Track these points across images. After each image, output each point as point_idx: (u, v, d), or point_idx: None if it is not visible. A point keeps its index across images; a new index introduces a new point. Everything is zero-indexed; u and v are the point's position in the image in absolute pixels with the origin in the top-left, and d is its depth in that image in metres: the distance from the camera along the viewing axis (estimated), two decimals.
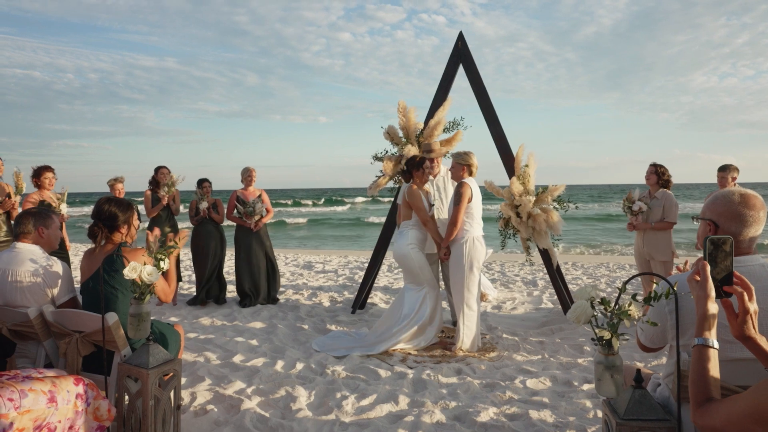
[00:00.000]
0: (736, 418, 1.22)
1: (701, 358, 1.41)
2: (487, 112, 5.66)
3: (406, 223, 4.60)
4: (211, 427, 3.05)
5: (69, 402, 2.22)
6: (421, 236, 4.60)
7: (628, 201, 5.45)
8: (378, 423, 3.08)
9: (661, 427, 1.93)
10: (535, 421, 3.07)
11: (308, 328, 5.22)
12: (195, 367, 4.01)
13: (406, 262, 4.52)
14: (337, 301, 6.55)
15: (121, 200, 2.91)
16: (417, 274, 4.52)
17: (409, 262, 4.50)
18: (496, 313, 5.91)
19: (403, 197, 4.66)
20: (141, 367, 2.51)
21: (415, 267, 4.49)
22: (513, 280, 8.01)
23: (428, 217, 4.52)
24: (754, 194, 1.87)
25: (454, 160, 4.54)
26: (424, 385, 3.69)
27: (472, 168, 4.49)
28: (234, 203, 6.32)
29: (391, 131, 5.59)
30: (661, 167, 5.45)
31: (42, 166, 5.38)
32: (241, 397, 3.43)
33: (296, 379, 3.78)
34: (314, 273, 8.92)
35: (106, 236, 2.82)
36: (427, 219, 4.51)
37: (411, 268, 4.51)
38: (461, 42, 5.71)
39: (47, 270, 2.73)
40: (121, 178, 6.10)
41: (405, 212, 4.62)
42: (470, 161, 4.49)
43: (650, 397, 1.99)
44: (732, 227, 1.83)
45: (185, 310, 6.05)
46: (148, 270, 2.41)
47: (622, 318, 1.87)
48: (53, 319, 2.67)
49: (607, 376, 1.99)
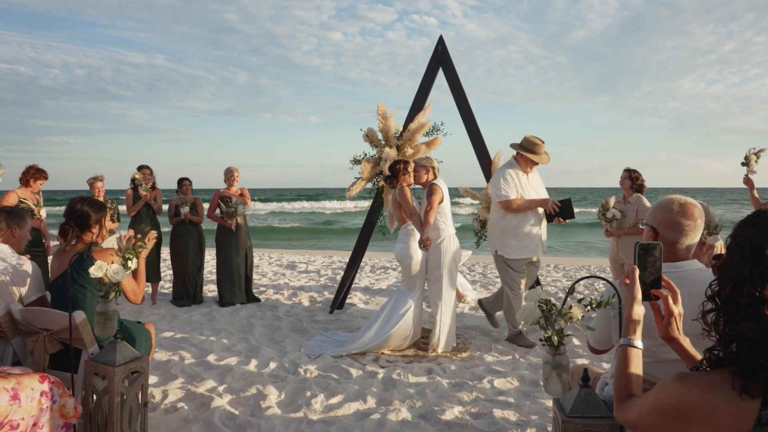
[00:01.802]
0: (645, 413, 1.30)
1: (625, 358, 1.49)
2: (465, 115, 5.75)
3: (405, 226, 4.69)
4: (180, 425, 3.10)
5: (33, 399, 2.25)
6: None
7: (602, 208, 5.58)
8: (345, 421, 3.15)
9: (605, 424, 2.01)
10: (498, 419, 3.15)
11: (285, 328, 5.27)
12: (169, 366, 4.05)
13: (406, 262, 4.59)
14: (316, 301, 6.60)
15: (94, 200, 2.95)
16: (413, 277, 4.60)
17: (409, 263, 4.57)
18: (473, 314, 6.00)
19: (394, 199, 4.74)
20: (108, 364, 2.55)
21: (409, 269, 4.56)
22: (493, 282, 8.11)
23: (415, 210, 4.59)
24: (693, 203, 1.95)
25: (417, 164, 4.67)
26: (393, 384, 3.76)
27: (436, 171, 4.68)
28: (216, 202, 6.37)
29: (370, 134, 5.65)
30: (635, 172, 5.57)
31: (41, 170, 5.37)
32: (212, 395, 3.48)
33: (268, 378, 3.84)
34: (297, 273, 8.96)
35: (76, 235, 2.86)
36: (414, 211, 4.58)
37: (409, 268, 4.58)
38: (441, 46, 5.79)
39: (16, 269, 2.76)
40: (100, 176, 6.10)
41: (399, 214, 4.70)
42: (433, 164, 4.68)
43: (595, 396, 2.07)
44: (670, 235, 1.91)
45: (164, 309, 6.07)
46: (113, 269, 2.46)
47: (564, 320, 1.95)
48: (21, 318, 2.71)
49: (554, 375, 2.07)
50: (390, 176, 4.79)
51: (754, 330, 1.14)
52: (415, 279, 4.59)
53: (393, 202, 4.78)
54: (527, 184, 4.73)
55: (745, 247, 1.20)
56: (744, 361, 1.15)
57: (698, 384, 1.19)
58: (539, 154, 4.69)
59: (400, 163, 4.72)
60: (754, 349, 1.14)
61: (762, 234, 1.18)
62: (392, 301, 4.63)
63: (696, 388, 1.18)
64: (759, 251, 1.17)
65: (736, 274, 1.19)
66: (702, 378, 1.20)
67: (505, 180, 4.63)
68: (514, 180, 4.65)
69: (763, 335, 1.13)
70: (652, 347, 1.92)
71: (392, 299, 4.66)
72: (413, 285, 4.61)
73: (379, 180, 5.65)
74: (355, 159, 5.74)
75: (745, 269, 1.17)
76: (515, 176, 4.68)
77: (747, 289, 1.16)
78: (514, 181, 4.64)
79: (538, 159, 4.69)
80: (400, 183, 4.66)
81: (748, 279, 1.16)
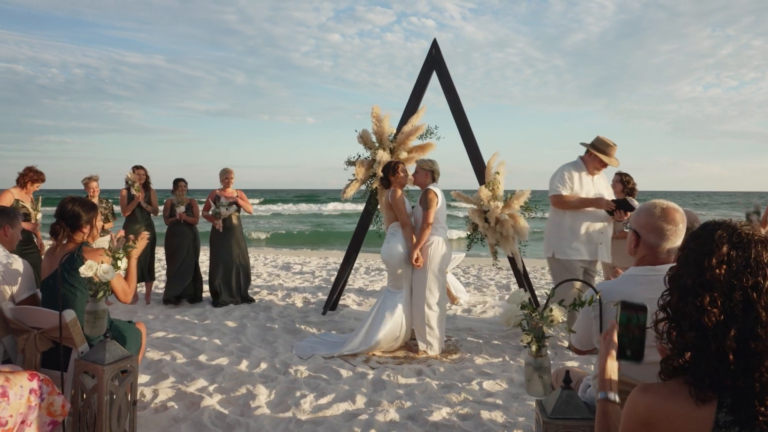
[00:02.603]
0: None
1: (604, 411, 1.44)
2: (459, 119, 5.78)
3: (395, 224, 4.70)
4: (170, 424, 3.12)
5: (22, 397, 2.28)
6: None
7: None
8: (333, 421, 3.17)
9: (585, 426, 2.04)
10: (485, 421, 3.18)
11: (278, 329, 5.29)
12: (160, 365, 4.07)
13: (392, 263, 4.61)
14: (310, 302, 6.63)
15: (84, 200, 2.97)
16: (399, 276, 4.63)
17: (395, 263, 4.59)
18: (466, 316, 6.03)
19: (386, 201, 4.76)
20: (97, 363, 2.58)
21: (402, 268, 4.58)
22: (487, 284, 8.14)
23: (408, 221, 4.61)
24: (675, 208, 1.99)
25: (418, 166, 4.67)
26: (383, 385, 3.79)
27: (436, 175, 4.66)
28: (210, 202, 6.42)
29: (364, 135, 5.68)
30: (626, 176, 5.62)
31: (38, 172, 5.34)
32: (202, 394, 3.50)
33: (259, 378, 3.86)
34: (291, 274, 8.99)
35: (68, 235, 2.89)
36: (407, 222, 4.60)
37: (395, 268, 4.60)
38: (435, 49, 5.83)
39: (7, 268, 2.78)
40: (95, 176, 6.13)
41: (389, 215, 4.72)
42: (435, 168, 4.67)
43: (577, 398, 2.10)
44: (651, 239, 1.95)
45: (157, 309, 6.09)
46: (103, 268, 2.49)
47: (545, 323, 1.98)
48: (12, 316, 2.73)
49: (535, 376, 2.11)
50: (383, 177, 4.82)
51: (699, 338, 1.19)
52: (401, 278, 4.61)
53: (384, 203, 4.80)
54: (590, 186, 4.61)
55: (690, 258, 1.26)
56: (693, 368, 1.20)
57: (660, 393, 1.23)
58: (610, 156, 4.54)
59: (390, 164, 4.75)
60: (699, 357, 1.19)
61: (704, 246, 1.24)
62: (380, 302, 4.66)
63: (658, 398, 1.22)
64: (701, 262, 1.22)
65: (682, 285, 1.25)
66: (663, 387, 1.24)
67: (561, 177, 4.58)
68: (573, 179, 4.57)
69: (705, 343, 1.18)
70: None
71: (380, 300, 4.68)
72: (400, 285, 4.63)
73: (372, 182, 5.68)
74: (349, 160, 5.77)
75: (689, 280, 1.23)
76: (575, 176, 4.59)
77: (690, 299, 1.21)
78: (572, 180, 4.56)
79: (608, 160, 4.55)
80: (393, 185, 4.69)
81: (691, 289, 1.22)
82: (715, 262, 1.20)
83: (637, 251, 1.99)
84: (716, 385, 1.16)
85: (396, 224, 4.72)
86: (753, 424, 1.13)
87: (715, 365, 1.16)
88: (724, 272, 1.19)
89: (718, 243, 1.22)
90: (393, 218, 4.74)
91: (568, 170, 4.62)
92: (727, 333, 1.16)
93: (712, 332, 1.17)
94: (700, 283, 1.20)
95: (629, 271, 2.01)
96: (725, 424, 1.14)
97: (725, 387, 1.16)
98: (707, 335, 1.17)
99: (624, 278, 2.00)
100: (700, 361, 1.18)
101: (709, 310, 1.18)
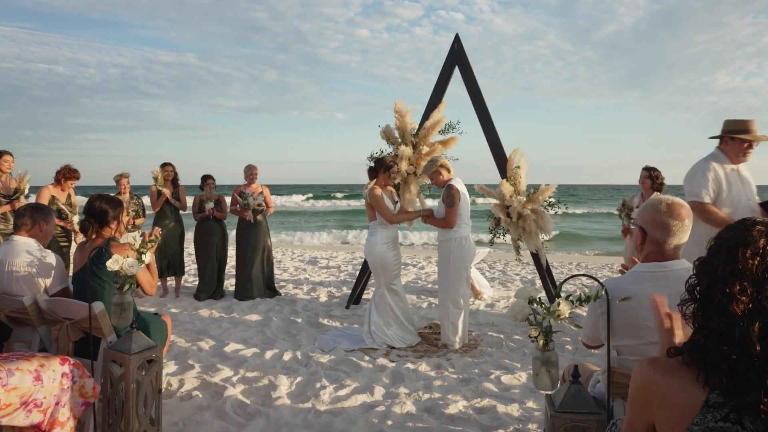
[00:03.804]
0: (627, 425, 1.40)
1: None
2: (481, 114, 5.77)
3: (374, 222, 4.72)
4: (194, 411, 3.25)
5: (55, 380, 2.42)
6: (393, 234, 4.73)
7: (626, 208, 5.57)
8: (350, 412, 3.25)
9: (592, 420, 2.06)
10: (501, 414, 3.21)
11: (301, 322, 5.40)
12: (187, 356, 4.22)
13: (370, 260, 4.68)
14: (334, 296, 6.73)
15: (111, 198, 3.11)
16: (378, 274, 4.67)
17: (372, 260, 4.64)
18: (489, 311, 6.03)
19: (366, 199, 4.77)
20: (124, 352, 2.71)
21: (377, 266, 4.63)
22: (512, 279, 8.11)
23: (392, 217, 4.61)
24: (681, 203, 1.98)
25: (426, 173, 4.71)
26: (401, 378, 3.84)
27: (447, 167, 4.62)
28: (236, 197, 6.58)
29: (387, 131, 5.71)
30: (655, 171, 5.53)
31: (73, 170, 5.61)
32: (226, 384, 3.62)
33: (281, 370, 3.96)
34: (317, 268, 9.12)
35: (96, 231, 3.03)
36: (391, 218, 4.61)
37: (373, 266, 4.67)
38: (457, 44, 5.82)
39: (41, 262, 2.94)
40: (126, 173, 6.35)
41: (370, 212, 4.73)
42: (440, 161, 4.62)
43: (585, 392, 2.12)
44: (657, 235, 1.95)
45: (186, 302, 6.28)
46: (129, 262, 2.61)
47: (552, 317, 2.00)
48: (46, 307, 2.88)
49: (543, 371, 2.13)
50: (372, 168, 4.82)
51: (724, 324, 1.22)
52: (378, 275, 4.67)
53: (365, 201, 4.78)
54: (737, 181, 3.75)
55: (723, 247, 1.29)
56: (711, 353, 1.23)
57: (659, 368, 1.30)
58: (753, 131, 3.71)
59: (385, 160, 4.73)
60: (722, 341, 1.22)
61: (739, 237, 1.27)
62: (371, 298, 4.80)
63: (656, 371, 1.30)
64: (734, 252, 1.26)
65: (712, 272, 1.29)
66: (664, 363, 1.31)
67: (703, 175, 3.69)
68: (718, 177, 3.69)
69: (731, 330, 1.22)
70: (638, 346, 1.96)
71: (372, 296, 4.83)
72: (379, 282, 4.69)
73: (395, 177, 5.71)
74: (372, 156, 5.82)
75: (719, 268, 1.27)
76: (720, 172, 3.71)
77: (720, 285, 1.25)
78: (717, 179, 3.69)
79: (753, 137, 3.69)
80: (377, 181, 4.68)
81: (721, 277, 1.25)
82: (749, 253, 1.23)
83: (644, 248, 1.99)
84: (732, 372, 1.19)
85: (374, 223, 4.71)
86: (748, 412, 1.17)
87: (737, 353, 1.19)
88: (758, 264, 1.23)
89: (757, 236, 1.25)
90: (373, 215, 4.71)
91: (709, 166, 3.72)
92: (753, 324, 1.19)
93: (739, 320, 1.20)
94: (731, 272, 1.24)
95: (636, 268, 2.01)
96: (715, 405, 1.19)
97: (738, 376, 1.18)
98: (733, 323, 1.21)
99: (630, 275, 2.00)
100: (721, 344, 1.21)
101: (738, 298, 1.21)
